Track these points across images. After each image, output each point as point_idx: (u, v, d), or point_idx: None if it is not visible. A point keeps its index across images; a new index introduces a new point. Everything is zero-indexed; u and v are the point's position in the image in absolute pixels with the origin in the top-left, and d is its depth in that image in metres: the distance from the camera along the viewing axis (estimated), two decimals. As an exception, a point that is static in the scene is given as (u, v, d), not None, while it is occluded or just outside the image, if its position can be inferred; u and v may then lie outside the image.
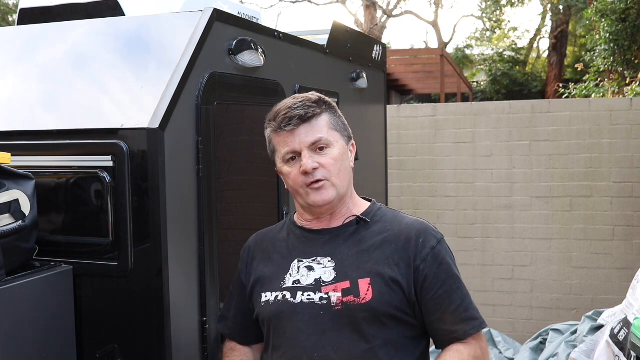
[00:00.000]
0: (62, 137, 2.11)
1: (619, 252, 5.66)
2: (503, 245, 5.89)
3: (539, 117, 5.84)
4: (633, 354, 2.58)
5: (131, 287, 2.01)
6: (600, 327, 3.39)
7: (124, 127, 2.02)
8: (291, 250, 1.81)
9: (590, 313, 3.83)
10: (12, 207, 1.94)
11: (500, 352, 4.81)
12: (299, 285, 1.72)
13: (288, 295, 1.72)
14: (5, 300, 1.81)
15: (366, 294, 1.65)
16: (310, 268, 1.73)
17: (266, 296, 1.77)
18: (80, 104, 2.20)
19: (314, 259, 1.74)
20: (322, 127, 1.74)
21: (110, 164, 2.00)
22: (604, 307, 3.97)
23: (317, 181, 1.70)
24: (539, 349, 4.33)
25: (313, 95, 1.80)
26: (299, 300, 1.70)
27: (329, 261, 1.72)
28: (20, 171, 2.02)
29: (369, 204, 1.85)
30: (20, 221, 1.94)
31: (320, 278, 1.70)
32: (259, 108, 2.66)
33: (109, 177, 2.00)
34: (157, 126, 1.97)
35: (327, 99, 1.83)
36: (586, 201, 5.73)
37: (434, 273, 1.68)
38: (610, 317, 3.32)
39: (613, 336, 2.84)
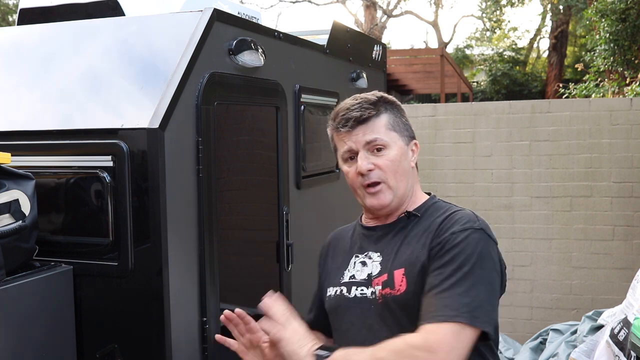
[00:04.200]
0: (62, 137, 2.11)
1: (619, 252, 5.66)
2: (503, 245, 5.88)
3: (539, 117, 5.84)
4: (633, 354, 2.58)
5: (131, 287, 2.01)
6: (600, 327, 3.39)
7: (124, 127, 2.02)
8: (352, 247, 1.83)
9: (590, 313, 3.83)
10: (12, 207, 1.94)
11: (500, 352, 4.81)
12: (354, 280, 1.74)
13: (344, 289, 1.75)
14: (5, 300, 1.81)
15: (400, 285, 1.64)
16: (364, 263, 1.75)
17: (329, 291, 1.81)
18: (80, 103, 2.20)
19: (366, 254, 1.76)
20: (379, 127, 1.73)
21: (110, 164, 2.00)
22: (604, 307, 3.97)
23: (374, 184, 1.71)
24: (539, 349, 4.33)
25: (372, 95, 1.78)
26: (352, 295, 1.72)
27: (377, 256, 1.74)
28: (20, 171, 2.02)
29: (426, 198, 1.81)
30: (20, 221, 1.94)
31: (371, 273, 1.72)
32: (259, 108, 2.66)
33: (109, 177, 2.00)
34: (157, 126, 1.97)
35: (389, 98, 1.80)
36: (586, 201, 5.73)
37: (442, 254, 1.60)
38: (610, 317, 3.32)
39: (613, 336, 2.84)
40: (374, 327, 1.67)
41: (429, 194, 1.84)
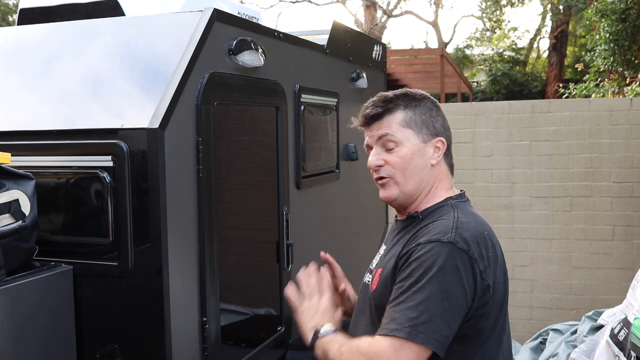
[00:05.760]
0: (62, 137, 2.11)
1: (619, 252, 5.66)
2: (503, 245, 5.83)
3: (539, 117, 5.84)
4: (633, 354, 2.58)
5: (131, 287, 2.01)
6: (600, 327, 3.38)
7: (124, 127, 2.02)
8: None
9: (590, 313, 3.82)
10: (12, 207, 1.94)
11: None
12: (371, 267, 1.86)
13: (366, 274, 1.87)
14: (5, 300, 1.81)
15: (374, 284, 1.73)
16: (379, 253, 1.86)
17: None
18: (80, 103, 2.20)
19: (382, 246, 1.87)
20: (391, 124, 1.75)
21: (110, 164, 2.00)
22: (604, 307, 3.97)
23: (381, 178, 1.77)
24: (539, 349, 4.32)
25: (393, 92, 1.80)
26: (364, 281, 1.85)
27: (384, 250, 1.83)
28: (20, 171, 2.02)
29: (444, 198, 1.79)
30: (20, 221, 1.94)
31: (374, 264, 1.84)
32: (259, 108, 2.66)
33: (109, 177, 2.00)
34: (157, 126, 1.97)
35: (414, 94, 1.79)
36: (586, 201, 5.73)
37: (404, 267, 1.61)
38: (610, 317, 3.32)
39: (613, 336, 2.84)
40: (362, 313, 1.81)
41: (461, 192, 1.83)
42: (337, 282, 1.98)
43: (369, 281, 1.80)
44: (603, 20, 8.43)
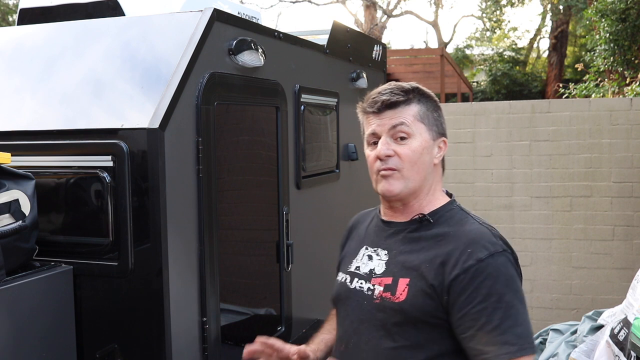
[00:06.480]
0: (62, 137, 2.11)
1: (619, 252, 5.66)
2: (503, 245, 5.88)
3: (539, 117, 5.84)
4: (633, 354, 2.58)
5: (131, 287, 2.01)
6: (600, 327, 3.38)
7: (124, 127, 2.02)
8: (365, 237, 1.86)
9: (590, 313, 3.82)
10: (12, 207, 1.94)
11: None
12: (357, 271, 1.77)
13: (348, 279, 1.79)
14: (5, 300, 1.81)
15: (401, 294, 1.65)
16: (370, 257, 1.78)
17: (339, 275, 1.85)
18: (80, 104, 2.20)
19: (375, 249, 1.78)
20: (406, 115, 1.72)
21: (110, 164, 2.00)
22: (604, 307, 3.97)
23: (388, 169, 1.70)
24: (539, 349, 4.32)
25: (408, 84, 1.78)
26: (353, 286, 1.76)
27: (385, 254, 1.74)
28: (20, 171, 2.02)
29: (445, 201, 1.78)
30: (20, 221, 1.95)
31: (373, 269, 1.74)
32: (259, 108, 2.66)
33: (109, 177, 2.00)
34: (157, 126, 1.97)
35: (425, 91, 1.79)
36: (586, 201, 5.73)
37: (475, 287, 1.57)
38: (610, 317, 3.32)
39: (613, 336, 2.84)
40: (364, 323, 1.71)
41: (450, 194, 1.81)
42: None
43: (367, 288, 1.71)
44: (603, 20, 8.43)
